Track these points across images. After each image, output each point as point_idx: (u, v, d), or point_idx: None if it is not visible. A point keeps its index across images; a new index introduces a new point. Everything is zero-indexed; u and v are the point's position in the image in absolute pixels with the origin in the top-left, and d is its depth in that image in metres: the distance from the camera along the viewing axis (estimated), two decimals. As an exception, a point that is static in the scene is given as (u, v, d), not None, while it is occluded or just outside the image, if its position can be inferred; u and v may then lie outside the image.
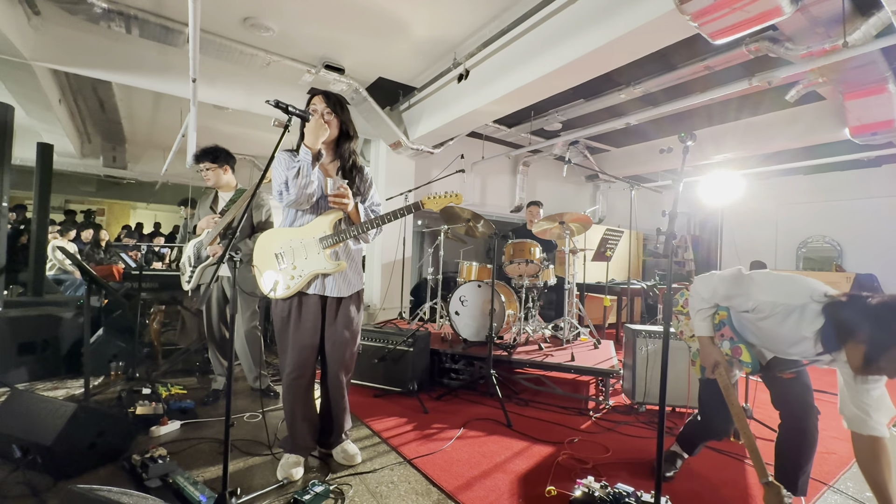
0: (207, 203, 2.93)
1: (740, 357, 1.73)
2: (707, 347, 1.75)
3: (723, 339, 1.79)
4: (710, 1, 2.30)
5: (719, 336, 1.80)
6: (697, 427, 2.03)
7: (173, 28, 3.59)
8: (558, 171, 7.93)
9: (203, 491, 1.70)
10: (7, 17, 3.23)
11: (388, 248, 5.43)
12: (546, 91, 3.77)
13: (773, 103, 5.05)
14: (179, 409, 2.53)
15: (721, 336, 1.79)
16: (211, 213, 2.83)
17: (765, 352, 1.73)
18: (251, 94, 4.64)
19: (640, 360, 2.87)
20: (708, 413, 1.94)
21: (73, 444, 1.83)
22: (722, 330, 1.79)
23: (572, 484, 1.82)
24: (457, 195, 1.93)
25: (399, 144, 5.20)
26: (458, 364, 3.29)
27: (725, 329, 1.78)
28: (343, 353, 2.01)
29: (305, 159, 1.83)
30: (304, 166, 1.83)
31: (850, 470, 2.19)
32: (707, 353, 1.74)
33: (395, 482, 1.93)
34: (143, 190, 9.98)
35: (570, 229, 3.81)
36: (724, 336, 1.78)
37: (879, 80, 3.69)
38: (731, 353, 1.76)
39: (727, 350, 1.76)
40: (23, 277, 4.83)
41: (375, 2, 3.38)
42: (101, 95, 5.60)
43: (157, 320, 3.78)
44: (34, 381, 3.08)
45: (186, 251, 2.84)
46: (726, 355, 1.76)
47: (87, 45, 3.90)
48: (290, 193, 1.84)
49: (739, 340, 1.74)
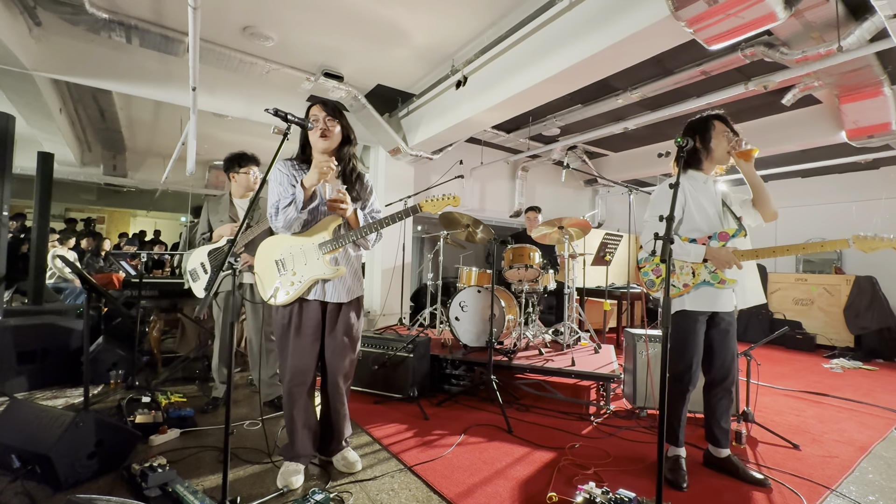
0: (224, 210, 2.86)
1: (729, 235, 2.03)
2: (715, 254, 1.98)
3: (710, 244, 2.04)
4: (705, 7, 2.33)
5: (703, 245, 2.04)
6: (675, 385, 2.06)
7: (173, 37, 3.62)
8: (557, 175, 7.96)
9: (203, 500, 1.69)
10: (8, 28, 3.26)
11: (388, 254, 5.44)
12: (544, 97, 3.80)
13: (769, 107, 5.09)
14: (179, 418, 2.51)
15: (704, 245, 2.04)
16: (231, 222, 2.80)
17: (718, 223, 2.08)
18: (251, 102, 4.67)
19: (641, 364, 2.86)
20: (679, 357, 2.06)
21: (73, 454, 1.83)
22: (699, 240, 2.05)
23: (574, 490, 1.82)
24: (454, 197, 1.93)
25: (398, 151, 5.22)
26: (458, 370, 3.28)
27: (700, 239, 2.06)
28: (343, 360, 2.00)
29: (299, 197, 1.82)
30: (296, 202, 1.82)
31: (853, 474, 2.18)
32: (720, 257, 1.97)
33: (395, 489, 1.92)
34: (143, 198, 10.01)
35: (569, 234, 3.82)
36: (706, 243, 2.04)
37: (875, 83, 3.72)
38: (722, 241, 2.03)
39: (721, 244, 2.03)
40: (23, 286, 4.82)
41: (374, 10, 3.41)
42: (101, 104, 5.64)
43: (156, 328, 3.77)
44: (33, 391, 3.07)
45: (197, 258, 2.80)
46: (722, 245, 2.02)
47: (88, 54, 3.94)
48: (277, 219, 1.86)
49: (712, 231, 2.06)
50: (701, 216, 2.06)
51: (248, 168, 2.86)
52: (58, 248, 5.78)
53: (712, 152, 2.08)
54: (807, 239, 7.41)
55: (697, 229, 2.07)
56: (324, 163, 1.82)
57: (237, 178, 2.86)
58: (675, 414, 2.08)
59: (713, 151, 2.08)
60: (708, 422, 2.14)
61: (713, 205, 2.08)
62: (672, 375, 2.06)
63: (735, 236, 2.03)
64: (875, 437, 2.66)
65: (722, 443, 2.12)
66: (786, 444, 2.49)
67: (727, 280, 2.01)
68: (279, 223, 1.88)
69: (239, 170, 2.85)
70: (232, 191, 2.92)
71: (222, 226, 2.79)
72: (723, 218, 2.08)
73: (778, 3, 2.26)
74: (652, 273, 2.18)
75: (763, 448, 2.47)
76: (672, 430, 2.09)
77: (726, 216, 2.08)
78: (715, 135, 2.07)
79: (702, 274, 2.04)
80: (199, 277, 2.79)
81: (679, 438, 2.09)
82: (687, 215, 2.08)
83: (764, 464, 2.26)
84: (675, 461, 2.07)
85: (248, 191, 2.90)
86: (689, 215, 2.07)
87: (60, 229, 7.54)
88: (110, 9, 3.33)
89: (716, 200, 2.09)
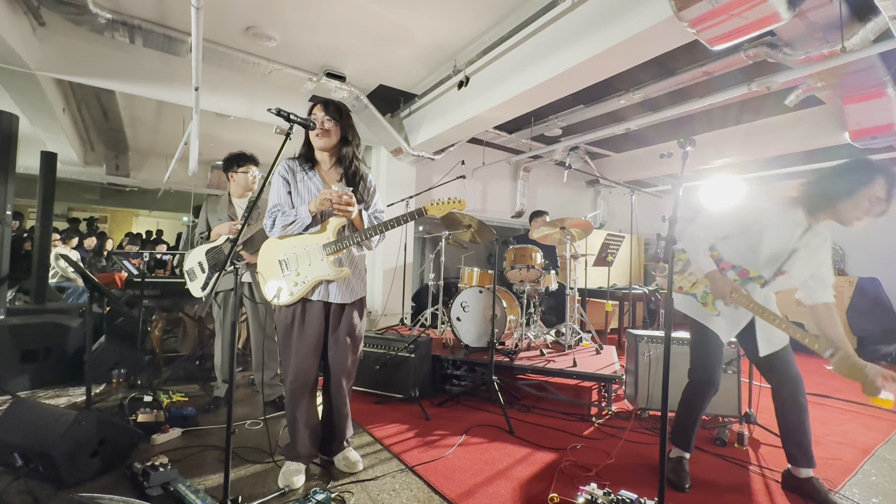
0: (222, 210, 2.88)
1: (749, 276, 1.93)
2: (717, 279, 1.88)
3: (726, 270, 1.98)
4: (708, 7, 2.32)
5: (721, 270, 1.97)
6: (686, 393, 2.06)
7: (176, 38, 3.63)
8: (559, 176, 7.95)
9: (204, 499, 1.69)
10: (12, 28, 3.27)
11: (390, 255, 5.44)
12: (546, 97, 3.79)
13: (772, 108, 5.07)
14: (181, 417, 2.51)
15: (723, 269, 1.98)
16: (229, 220, 2.81)
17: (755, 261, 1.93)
18: (253, 102, 4.68)
19: (643, 365, 2.85)
20: (702, 362, 2.02)
21: (75, 452, 1.83)
22: (721, 264, 2.00)
23: (575, 491, 1.81)
24: (460, 201, 1.93)
25: (400, 151, 5.23)
26: (459, 370, 3.28)
27: (724, 263, 2.00)
28: (345, 360, 2.00)
29: (304, 221, 1.89)
30: (298, 224, 1.90)
31: (856, 476, 2.18)
32: (720, 284, 1.87)
33: (396, 490, 1.92)
34: (145, 197, 10.04)
35: (571, 234, 3.81)
36: (725, 268, 1.99)
37: (878, 84, 3.70)
38: (739, 277, 1.95)
39: (735, 276, 1.96)
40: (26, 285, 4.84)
41: (376, 10, 3.41)
42: (104, 104, 5.65)
43: (158, 327, 3.78)
44: (36, 389, 3.07)
45: (195, 257, 2.81)
46: (735, 280, 1.95)
47: (91, 54, 3.95)
48: (274, 229, 1.94)
49: (739, 265, 1.97)
50: (765, 248, 1.88)
51: (247, 168, 2.87)
52: (60, 247, 5.81)
53: (843, 207, 1.76)
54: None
55: (748, 258, 1.93)
56: (328, 194, 1.86)
57: (235, 177, 2.87)
58: (693, 418, 2.07)
59: (844, 208, 1.76)
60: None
61: (784, 243, 1.86)
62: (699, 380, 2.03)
63: (752, 280, 1.92)
64: (878, 439, 2.65)
65: (798, 461, 1.93)
66: (788, 445, 2.48)
67: (710, 308, 2.00)
68: (275, 234, 1.95)
69: (237, 169, 2.86)
70: (231, 190, 2.93)
71: (220, 224, 2.81)
72: (776, 261, 1.87)
73: (781, 4, 2.25)
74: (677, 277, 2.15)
75: (765, 450, 2.46)
76: (686, 434, 2.08)
77: (781, 261, 1.87)
78: (862, 193, 1.72)
79: (698, 287, 2.04)
80: (196, 276, 2.80)
81: (690, 443, 2.08)
82: (751, 242, 1.91)
83: (766, 465, 2.26)
84: (677, 462, 2.07)
85: (247, 190, 2.91)
86: (754, 243, 1.90)
87: (63, 229, 7.56)
88: (114, 9, 3.34)
89: (792, 243, 1.85)
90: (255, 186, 2.92)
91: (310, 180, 1.99)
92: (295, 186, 1.99)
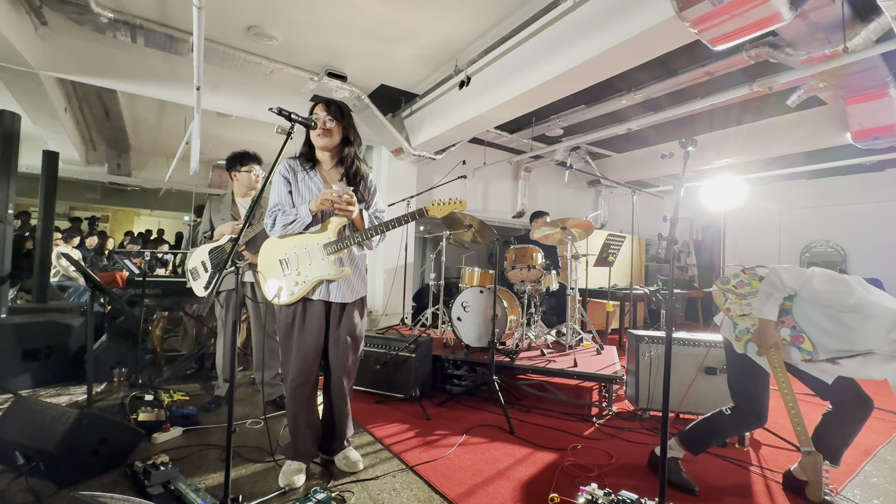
0: (226, 209, 2.88)
1: (801, 344, 1.86)
2: (769, 329, 1.86)
3: (783, 326, 1.91)
4: (710, 7, 2.31)
5: (780, 323, 1.91)
6: (728, 420, 2.00)
7: (178, 37, 3.63)
8: (560, 176, 7.95)
9: (205, 498, 1.69)
10: (14, 27, 3.28)
11: (391, 254, 5.44)
12: (547, 97, 3.79)
13: (774, 108, 5.06)
14: (181, 416, 2.52)
15: (782, 323, 1.91)
16: (233, 220, 2.81)
17: (827, 342, 1.81)
18: (254, 101, 4.69)
19: (644, 365, 2.85)
20: (750, 395, 1.97)
21: (76, 451, 1.84)
22: (784, 318, 1.91)
23: (576, 491, 1.81)
24: (461, 202, 1.93)
25: (401, 151, 5.23)
26: (460, 370, 3.28)
27: (787, 318, 1.91)
28: (346, 360, 2.01)
29: (304, 220, 1.90)
30: (299, 223, 1.91)
31: (857, 477, 2.17)
32: (768, 334, 1.86)
33: (397, 489, 1.92)
34: (147, 197, 10.05)
35: (572, 235, 3.81)
36: (786, 324, 1.91)
37: (880, 84, 3.69)
38: (789, 339, 1.88)
39: (786, 336, 1.89)
40: (27, 284, 4.85)
41: (377, 10, 3.41)
42: (106, 103, 5.66)
43: (159, 327, 3.79)
44: (37, 388, 3.08)
45: (199, 256, 2.81)
46: (784, 340, 1.88)
47: (93, 54, 3.96)
48: (275, 228, 1.95)
49: (801, 330, 1.87)
50: (842, 333, 1.76)
51: (250, 167, 2.87)
52: (62, 246, 5.82)
53: None
54: (811, 240, 7.41)
55: (812, 329, 1.83)
56: (328, 194, 1.86)
57: (239, 176, 2.87)
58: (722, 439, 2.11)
59: None
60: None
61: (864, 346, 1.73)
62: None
63: (801, 350, 1.84)
64: (879, 440, 2.65)
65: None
66: (789, 446, 2.49)
67: (740, 345, 1.97)
68: (276, 233, 1.95)
69: (241, 168, 2.86)
70: (234, 189, 2.94)
71: (223, 224, 2.81)
72: (851, 335, 1.74)
73: (783, 4, 2.24)
74: (733, 298, 2.07)
75: (766, 451, 2.46)
76: (705, 447, 2.08)
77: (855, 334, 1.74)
78: None
79: (745, 321, 1.98)
80: (199, 276, 2.80)
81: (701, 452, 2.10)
82: (834, 318, 1.78)
83: (767, 466, 2.25)
84: (677, 462, 2.06)
85: (250, 189, 2.91)
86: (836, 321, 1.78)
87: (65, 228, 7.58)
88: (116, 8, 3.34)
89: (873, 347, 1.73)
90: (259, 185, 2.92)
91: (311, 180, 1.99)
92: (296, 186, 1.99)
